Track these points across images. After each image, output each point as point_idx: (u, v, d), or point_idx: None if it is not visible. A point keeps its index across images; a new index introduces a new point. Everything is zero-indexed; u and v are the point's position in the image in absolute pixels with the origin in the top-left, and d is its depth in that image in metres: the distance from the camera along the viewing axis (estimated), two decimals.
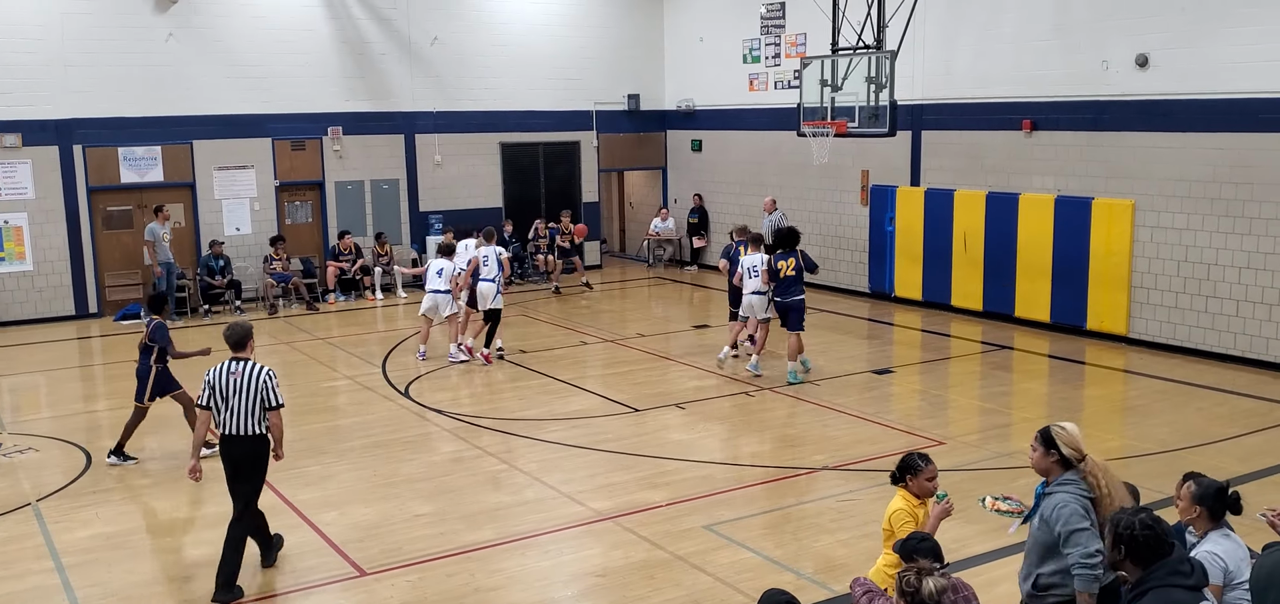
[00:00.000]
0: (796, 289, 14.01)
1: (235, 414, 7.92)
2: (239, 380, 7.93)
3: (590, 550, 8.89)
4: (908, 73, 17.84)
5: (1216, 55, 14.40)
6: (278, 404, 8.02)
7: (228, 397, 7.92)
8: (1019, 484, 10.08)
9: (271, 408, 7.98)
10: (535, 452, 11.39)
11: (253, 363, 8.06)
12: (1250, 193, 14.24)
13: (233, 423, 7.94)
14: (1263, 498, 8.51)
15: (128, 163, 19.50)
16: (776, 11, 21.59)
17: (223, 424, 8.00)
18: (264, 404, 7.95)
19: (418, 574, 8.37)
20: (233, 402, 7.91)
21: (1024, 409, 13.14)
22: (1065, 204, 16.38)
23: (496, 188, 23.22)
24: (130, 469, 11.09)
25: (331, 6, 20.94)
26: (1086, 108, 16.11)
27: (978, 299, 17.86)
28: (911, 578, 4.89)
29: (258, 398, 7.92)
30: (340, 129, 21.26)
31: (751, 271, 14.20)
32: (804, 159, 19.43)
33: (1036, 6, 16.69)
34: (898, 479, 6.55)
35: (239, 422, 7.93)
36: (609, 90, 24.15)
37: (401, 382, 14.39)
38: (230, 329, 8.23)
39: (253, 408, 7.92)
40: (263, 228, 20.73)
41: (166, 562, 8.73)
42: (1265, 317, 14.22)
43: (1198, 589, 4.38)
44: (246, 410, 7.91)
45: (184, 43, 19.61)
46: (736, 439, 11.82)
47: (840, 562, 8.40)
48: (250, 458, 8.06)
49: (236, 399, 7.91)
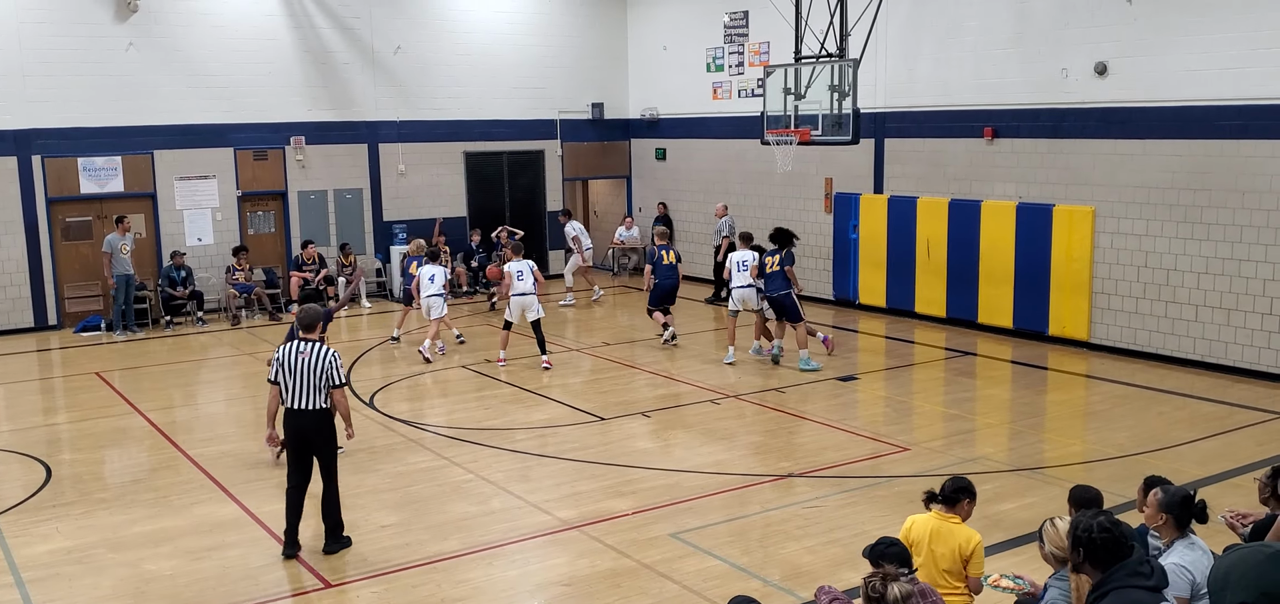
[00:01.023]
0: (781, 284, 14.82)
1: (302, 389, 8.59)
2: (306, 359, 8.60)
3: (557, 559, 8.87)
4: (870, 81, 17.98)
5: (1173, 64, 14.62)
6: (341, 382, 8.71)
7: (294, 372, 8.58)
8: (983, 488, 10.18)
9: (336, 386, 8.66)
10: (501, 461, 11.36)
11: (320, 344, 8.74)
12: (1208, 199, 14.45)
13: (298, 398, 8.61)
14: (1223, 501, 8.62)
15: (87, 173, 19.27)
16: (740, 20, 21.68)
17: (289, 398, 8.64)
18: (330, 381, 8.61)
19: (383, 585, 8.31)
20: (299, 378, 8.58)
21: (987, 415, 13.25)
22: (1027, 211, 16.55)
23: (461, 197, 23.15)
24: (90, 484, 10.95)
25: (294, 16, 20.82)
26: (1046, 115, 16.30)
27: (941, 305, 18.00)
28: (876, 583, 4.92)
29: (324, 375, 8.59)
30: (303, 139, 21.12)
31: (740, 266, 15.08)
32: (768, 167, 19.52)
33: (996, 15, 16.87)
34: (953, 501, 6.47)
35: (305, 397, 8.60)
36: (573, 99, 24.15)
37: (366, 392, 14.30)
38: (303, 312, 9.07)
39: (319, 385, 8.58)
40: (225, 238, 20.54)
41: (127, 575, 8.62)
42: (1223, 321, 14.43)
43: (1158, 590, 4.42)
44: (312, 387, 8.58)
45: (144, 52, 19.42)
46: (702, 447, 11.84)
47: (806, 568, 8.43)
48: (315, 430, 8.69)
49: (302, 376, 8.58)
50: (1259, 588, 3.04)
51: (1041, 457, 11.34)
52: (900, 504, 9.79)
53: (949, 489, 6.54)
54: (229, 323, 19.51)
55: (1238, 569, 3.11)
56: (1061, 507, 7.50)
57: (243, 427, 12.97)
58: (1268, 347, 14.02)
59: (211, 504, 10.21)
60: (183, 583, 8.42)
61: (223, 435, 12.66)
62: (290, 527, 8.85)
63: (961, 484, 6.55)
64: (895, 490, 10.21)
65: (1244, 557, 3.14)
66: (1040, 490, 10.10)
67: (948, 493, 6.53)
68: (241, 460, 11.47)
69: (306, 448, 8.79)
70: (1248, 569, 3.09)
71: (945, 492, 6.55)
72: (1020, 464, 10.99)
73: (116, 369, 16.24)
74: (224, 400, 15.03)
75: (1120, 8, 15.10)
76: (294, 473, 8.84)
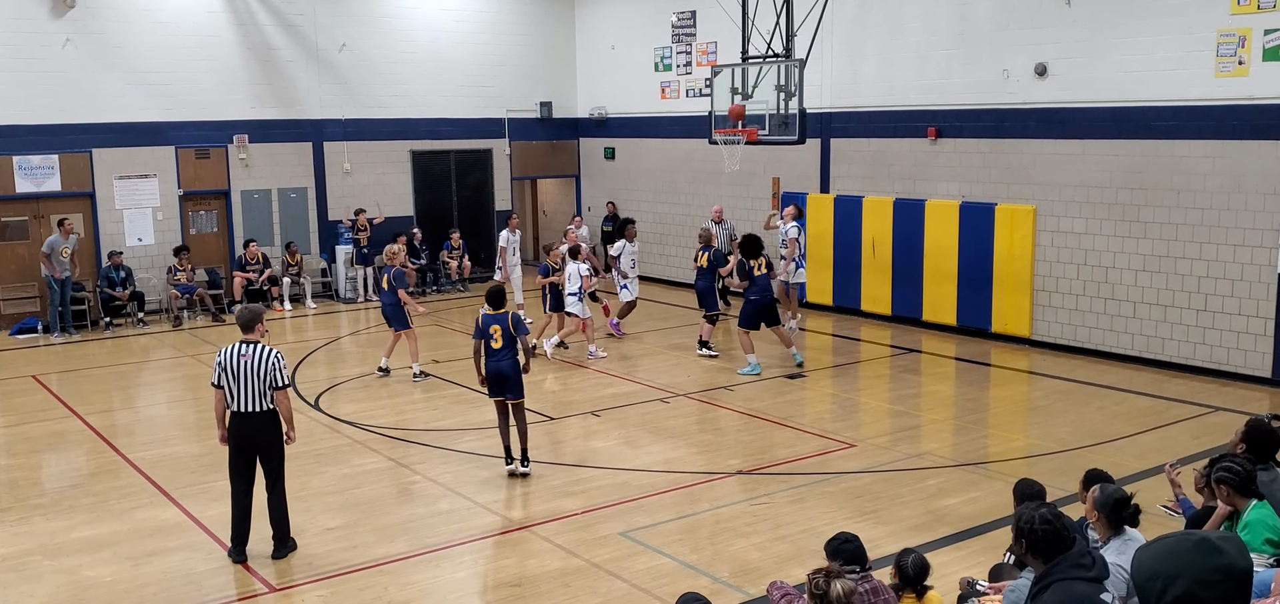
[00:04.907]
0: (761, 286, 15.15)
1: (246, 393, 8.47)
2: (249, 361, 8.48)
3: (506, 560, 8.84)
4: (816, 81, 18.11)
5: (1111, 65, 14.89)
6: (285, 383, 8.59)
7: (238, 375, 8.47)
8: (928, 483, 10.30)
9: (279, 388, 8.52)
10: (449, 462, 11.29)
11: (262, 345, 8.60)
12: (1145, 198, 14.73)
13: (243, 401, 8.50)
14: (1160, 494, 8.80)
15: (23, 172, 18.86)
16: (687, 20, 21.73)
17: (234, 402, 8.54)
18: (273, 383, 8.49)
19: (329, 588, 8.23)
20: (243, 382, 8.47)
21: (933, 411, 13.40)
22: (969, 210, 16.77)
23: (408, 196, 22.97)
24: (26, 489, 10.73)
25: (236, 12, 20.53)
26: (988, 116, 16.53)
27: (887, 303, 18.18)
28: (820, 580, 4.95)
29: (267, 377, 8.47)
30: (246, 137, 20.83)
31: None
32: (716, 166, 19.58)
33: (939, 18, 17.07)
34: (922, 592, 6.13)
35: (249, 399, 8.49)
36: (521, 98, 24.07)
37: (311, 394, 14.14)
38: (242, 312, 8.89)
39: (263, 387, 8.47)
40: (166, 238, 20.20)
41: (64, 582, 8.45)
42: (1160, 318, 14.72)
43: (1099, 581, 4.51)
44: (256, 389, 8.47)
45: (82, 48, 19.04)
46: (651, 445, 11.85)
47: (755, 565, 8.47)
48: (261, 432, 8.61)
49: (246, 378, 8.47)
50: (1192, 577, 3.05)
51: (985, 452, 11.49)
52: (847, 500, 9.88)
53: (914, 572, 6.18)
54: (170, 324, 19.20)
55: (1165, 562, 3.09)
56: (1007, 501, 7.62)
57: (185, 430, 12.78)
58: (1202, 342, 14.32)
59: (152, 509, 10.04)
60: (122, 590, 8.27)
61: (164, 439, 12.46)
62: (239, 534, 8.71)
63: (922, 567, 6.19)
64: (842, 487, 10.29)
65: (1170, 547, 3.13)
66: (984, 485, 10.24)
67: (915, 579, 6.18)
68: (183, 464, 11.29)
69: (252, 451, 8.68)
70: (1176, 560, 3.08)
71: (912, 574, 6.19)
72: (964, 459, 11.13)
73: (54, 372, 15.92)
74: (165, 403, 14.79)
75: (1060, 10, 15.36)
76: (239, 478, 8.71)
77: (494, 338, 10.46)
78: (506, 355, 10.49)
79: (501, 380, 10.55)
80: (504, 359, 10.49)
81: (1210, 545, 3.05)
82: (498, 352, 10.47)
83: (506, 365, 10.49)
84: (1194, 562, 3.00)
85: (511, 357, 10.51)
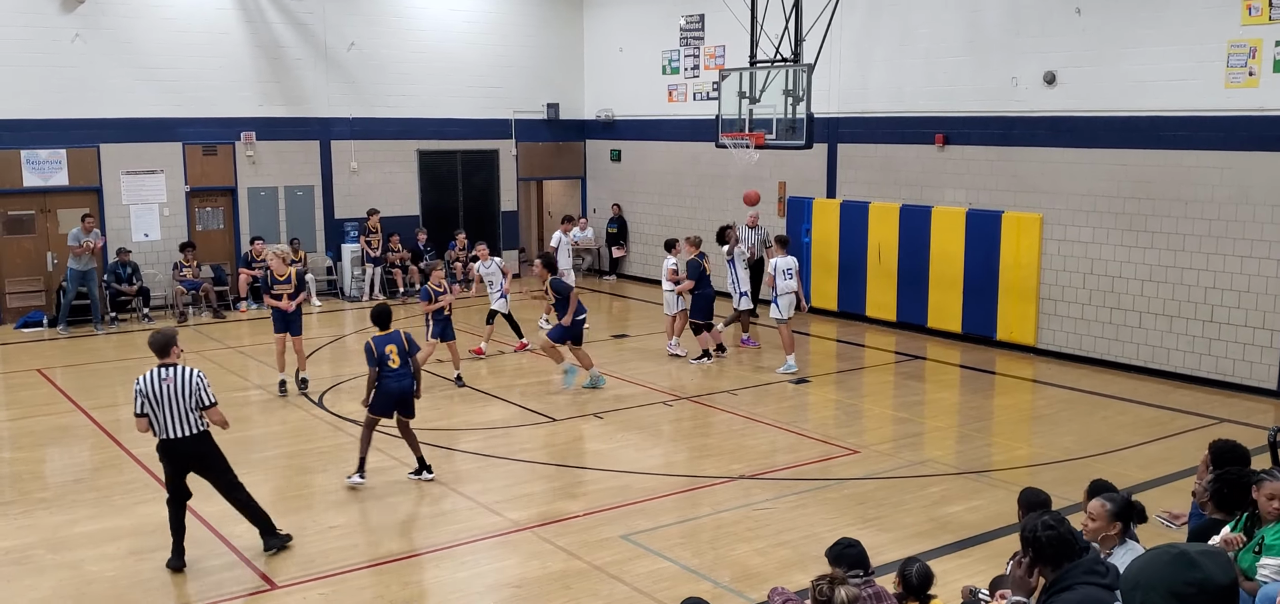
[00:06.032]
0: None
1: (172, 418, 8.19)
2: (172, 385, 8.18)
3: (507, 561, 8.84)
4: (824, 86, 18.10)
5: (1120, 75, 14.85)
6: (211, 401, 8.33)
7: (162, 401, 8.16)
8: (930, 491, 10.28)
9: (207, 407, 8.29)
10: (452, 462, 11.28)
11: (181, 366, 8.29)
12: (1152, 208, 14.70)
13: (170, 427, 8.21)
14: (1164, 505, 8.76)
15: (31, 166, 18.89)
16: (696, 23, 21.73)
17: (161, 429, 8.22)
18: (199, 403, 8.25)
19: (330, 587, 8.23)
20: (167, 406, 8.17)
21: (936, 418, 13.38)
22: (976, 217, 16.74)
23: (414, 196, 22.99)
24: (30, 483, 10.74)
25: (246, 9, 20.56)
26: (996, 123, 16.50)
27: (892, 310, 18.15)
28: (825, 586, 4.94)
29: (192, 397, 8.21)
30: (253, 134, 20.85)
31: (786, 273, 15.27)
32: (722, 170, 19.60)
33: (949, 24, 17.05)
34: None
35: (177, 424, 8.20)
36: (528, 99, 24.07)
37: (315, 391, 14.15)
38: (154, 337, 8.45)
39: (189, 409, 8.21)
40: (173, 234, 20.23)
41: (68, 576, 8.46)
42: (1166, 328, 14.68)
43: (1113, 589, 4.51)
44: (183, 413, 8.20)
45: (91, 44, 19.07)
46: (654, 448, 11.84)
47: (756, 570, 8.45)
48: (196, 457, 8.38)
49: (171, 404, 8.17)
50: (1166, 589, 3.16)
51: (989, 460, 11.47)
52: (849, 506, 9.86)
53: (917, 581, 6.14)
54: (176, 320, 19.22)
55: (1145, 573, 3.22)
56: (1010, 509, 7.60)
57: None
58: (1208, 353, 14.29)
59: (155, 504, 9.97)
60: (125, 585, 8.28)
61: None
62: (176, 542, 8.52)
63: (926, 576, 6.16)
64: (845, 492, 10.28)
65: (1152, 558, 3.26)
66: (987, 493, 10.22)
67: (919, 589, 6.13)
68: None
69: (186, 473, 8.45)
70: (1153, 572, 3.22)
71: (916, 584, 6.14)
72: (968, 467, 11.10)
73: (59, 366, 15.95)
74: None
75: (1070, 19, 15.33)
76: (175, 501, 8.47)
77: (391, 359, 10.34)
78: (408, 374, 10.43)
79: (405, 399, 10.45)
80: (406, 377, 10.42)
81: (1188, 559, 3.14)
82: (398, 371, 10.35)
83: (408, 383, 10.42)
84: (1170, 574, 3.12)
85: (411, 374, 10.45)
